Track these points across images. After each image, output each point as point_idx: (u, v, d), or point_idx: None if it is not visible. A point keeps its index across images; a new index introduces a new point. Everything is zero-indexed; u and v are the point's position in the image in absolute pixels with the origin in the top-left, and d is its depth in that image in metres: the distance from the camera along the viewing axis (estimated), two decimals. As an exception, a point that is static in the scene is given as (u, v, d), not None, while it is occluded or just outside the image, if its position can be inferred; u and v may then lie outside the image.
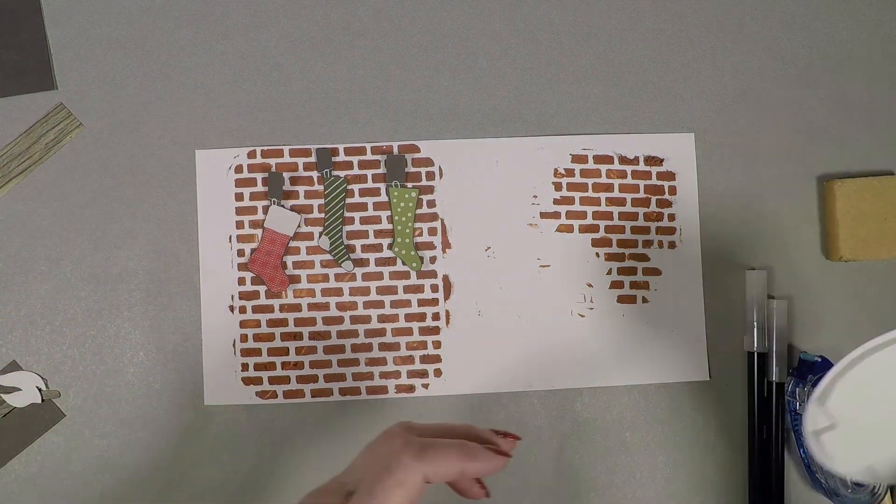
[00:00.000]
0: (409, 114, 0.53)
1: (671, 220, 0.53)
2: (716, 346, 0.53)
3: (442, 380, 0.52)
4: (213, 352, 0.51)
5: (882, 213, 0.52)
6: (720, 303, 0.53)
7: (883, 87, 0.55)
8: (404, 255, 0.52)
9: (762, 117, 0.54)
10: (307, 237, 0.52)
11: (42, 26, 0.52)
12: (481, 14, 0.54)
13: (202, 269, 0.51)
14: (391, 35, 0.53)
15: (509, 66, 0.54)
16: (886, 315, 0.54)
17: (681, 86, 0.54)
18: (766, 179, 0.54)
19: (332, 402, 0.52)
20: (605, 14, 0.54)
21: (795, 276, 0.54)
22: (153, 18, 0.53)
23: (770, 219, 0.54)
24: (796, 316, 0.54)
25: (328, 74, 0.53)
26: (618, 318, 0.53)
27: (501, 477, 0.52)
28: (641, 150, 0.54)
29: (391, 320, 0.52)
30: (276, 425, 0.51)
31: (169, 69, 0.52)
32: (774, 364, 0.52)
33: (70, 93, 0.52)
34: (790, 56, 0.55)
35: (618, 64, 0.54)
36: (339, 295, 0.52)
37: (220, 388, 0.51)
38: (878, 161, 0.55)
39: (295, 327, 0.52)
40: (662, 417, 0.53)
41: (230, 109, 0.52)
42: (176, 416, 0.51)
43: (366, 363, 0.52)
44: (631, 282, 0.53)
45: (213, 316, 0.51)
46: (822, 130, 0.55)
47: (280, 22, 0.53)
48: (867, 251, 0.52)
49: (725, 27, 0.55)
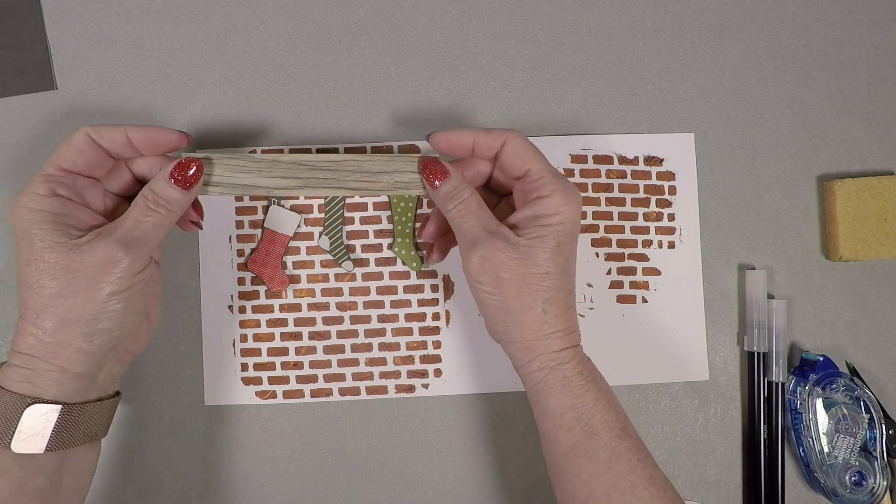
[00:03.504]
0: (409, 114, 0.53)
1: (671, 220, 0.53)
2: (716, 346, 0.53)
3: (442, 380, 0.52)
4: (213, 352, 0.51)
5: (882, 213, 0.52)
6: (720, 303, 0.53)
7: (883, 87, 0.55)
8: (404, 255, 0.52)
9: (762, 117, 0.54)
10: (307, 237, 0.52)
11: (42, 26, 0.52)
12: (481, 14, 0.54)
13: (202, 269, 0.51)
14: (391, 35, 0.53)
15: (509, 66, 0.54)
16: (886, 315, 0.54)
17: (681, 86, 0.54)
18: (766, 179, 0.54)
19: (332, 402, 0.52)
20: (605, 14, 0.54)
21: (795, 276, 0.54)
22: (153, 18, 0.53)
23: (770, 219, 0.54)
24: (796, 316, 0.54)
25: (328, 74, 0.53)
26: (617, 318, 0.53)
27: (501, 477, 0.52)
28: (641, 150, 0.54)
29: (391, 320, 0.52)
30: (276, 425, 0.51)
31: (169, 69, 0.52)
32: (774, 364, 0.52)
33: (70, 93, 0.52)
34: (790, 56, 0.55)
35: (618, 64, 0.54)
36: (339, 295, 0.52)
37: (220, 388, 0.51)
38: (878, 161, 0.55)
39: (295, 327, 0.52)
40: (662, 417, 0.53)
41: (230, 109, 0.52)
42: (176, 416, 0.51)
43: (366, 363, 0.52)
44: (630, 282, 0.53)
45: (212, 316, 0.51)
46: (822, 130, 0.55)
47: (280, 22, 0.53)
48: (867, 251, 0.52)
49: (725, 27, 0.55)
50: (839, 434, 0.51)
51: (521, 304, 0.41)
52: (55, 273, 0.37)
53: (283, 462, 0.51)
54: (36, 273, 0.37)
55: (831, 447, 0.51)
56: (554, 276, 0.41)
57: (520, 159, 0.43)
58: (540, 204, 0.42)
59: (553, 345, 0.42)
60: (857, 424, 0.51)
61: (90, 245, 0.38)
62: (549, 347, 0.42)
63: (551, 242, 0.41)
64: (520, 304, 0.41)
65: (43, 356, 0.38)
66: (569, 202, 0.42)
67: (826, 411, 0.51)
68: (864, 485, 0.50)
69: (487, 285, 0.42)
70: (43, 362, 0.38)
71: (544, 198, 0.42)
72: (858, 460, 0.51)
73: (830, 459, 0.51)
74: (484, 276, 0.41)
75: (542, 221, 0.42)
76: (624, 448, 0.41)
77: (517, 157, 0.43)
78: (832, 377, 0.51)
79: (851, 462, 0.51)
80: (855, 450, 0.51)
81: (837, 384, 0.51)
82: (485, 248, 0.41)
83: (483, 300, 0.43)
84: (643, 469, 0.41)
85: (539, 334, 0.42)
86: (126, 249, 0.38)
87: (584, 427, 0.41)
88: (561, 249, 0.42)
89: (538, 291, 0.41)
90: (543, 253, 0.41)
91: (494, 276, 0.41)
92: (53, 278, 0.37)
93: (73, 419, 0.38)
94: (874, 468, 0.51)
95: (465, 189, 0.43)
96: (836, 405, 0.51)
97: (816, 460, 0.51)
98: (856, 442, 0.51)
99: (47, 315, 0.37)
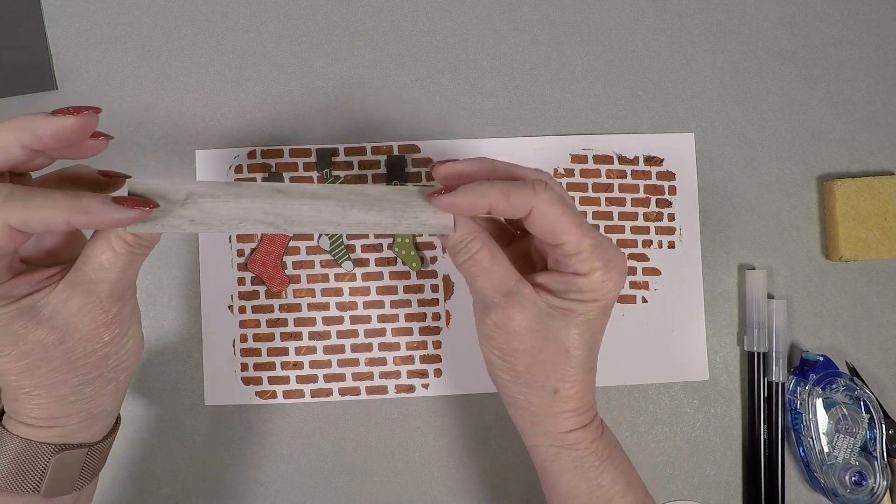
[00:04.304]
0: (409, 114, 0.53)
1: (671, 220, 0.53)
2: (716, 346, 0.53)
3: (442, 380, 0.52)
4: (213, 352, 0.51)
5: (882, 213, 0.52)
6: (720, 303, 0.53)
7: (883, 87, 0.55)
8: (404, 255, 0.52)
9: (762, 117, 0.54)
10: (307, 237, 0.52)
11: (42, 26, 0.52)
12: (481, 14, 0.54)
13: (202, 269, 0.51)
14: (391, 35, 0.53)
15: (509, 66, 0.54)
16: (886, 315, 0.54)
17: (681, 86, 0.54)
18: (766, 179, 0.54)
19: (332, 403, 0.52)
20: (605, 14, 0.54)
21: (795, 276, 0.54)
22: (153, 18, 0.53)
23: (770, 219, 0.54)
24: (796, 316, 0.54)
25: (328, 74, 0.53)
26: (618, 318, 0.53)
27: (502, 477, 0.52)
28: (641, 150, 0.54)
29: (391, 320, 0.52)
30: (276, 425, 0.51)
31: (169, 69, 0.52)
32: (774, 364, 0.52)
33: (70, 93, 0.52)
34: (790, 56, 0.55)
35: (617, 64, 0.54)
36: (338, 295, 0.52)
37: (221, 388, 0.51)
38: (878, 161, 0.55)
39: (295, 327, 0.52)
40: (662, 417, 0.53)
41: (230, 109, 0.52)
42: (176, 416, 0.51)
43: (366, 363, 0.52)
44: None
45: (212, 316, 0.51)
46: (822, 130, 0.55)
47: (280, 22, 0.53)
48: (867, 251, 0.52)
49: (725, 27, 0.55)
50: (839, 434, 0.51)
51: (532, 379, 0.37)
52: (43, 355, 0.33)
53: (284, 462, 0.51)
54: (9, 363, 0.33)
55: (831, 447, 0.51)
56: (576, 357, 0.36)
57: (551, 230, 0.34)
58: (575, 281, 0.35)
59: (562, 424, 0.37)
60: (857, 424, 0.51)
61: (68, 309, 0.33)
62: (556, 427, 0.37)
63: (580, 319, 0.35)
64: (530, 379, 0.37)
65: (70, 414, 0.35)
66: (610, 278, 0.35)
67: (826, 411, 0.51)
68: (864, 485, 0.50)
69: (497, 349, 0.37)
70: (73, 418, 0.35)
71: (581, 276, 0.35)
72: (858, 460, 0.51)
73: (830, 459, 0.51)
74: (494, 340, 0.37)
75: (575, 297, 0.35)
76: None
77: (548, 227, 0.34)
78: (832, 377, 0.51)
79: (851, 462, 0.51)
80: (855, 450, 0.51)
81: (837, 384, 0.51)
82: (498, 315, 0.36)
83: (489, 358, 0.38)
84: None
85: (547, 411, 0.37)
86: (117, 301, 0.34)
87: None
88: (590, 326, 0.36)
89: (553, 370, 0.36)
90: (567, 328, 0.35)
91: (507, 343, 0.36)
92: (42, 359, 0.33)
93: (96, 457, 0.37)
94: (874, 468, 0.51)
95: (474, 241, 0.36)
96: (836, 405, 0.51)
97: (816, 460, 0.51)
98: (856, 442, 0.51)
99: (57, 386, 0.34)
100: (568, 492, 0.38)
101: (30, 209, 0.30)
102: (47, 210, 0.30)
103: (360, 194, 0.35)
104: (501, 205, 0.34)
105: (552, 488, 0.39)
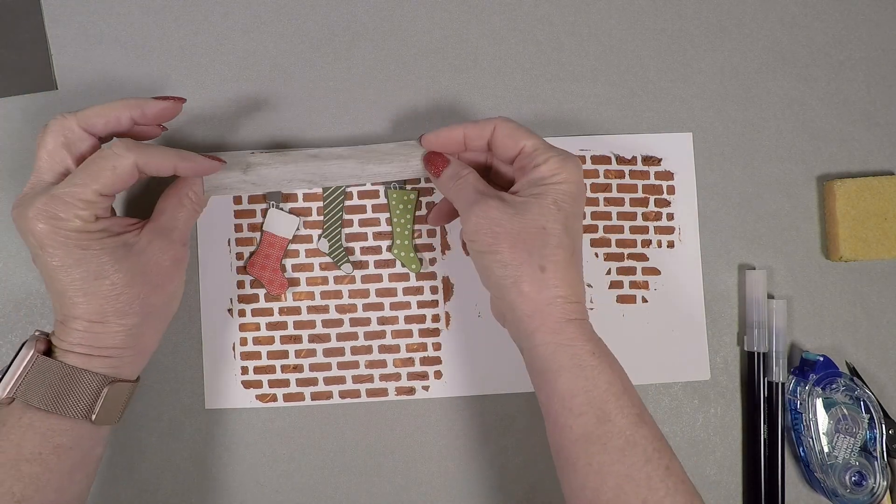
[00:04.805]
0: (409, 114, 0.53)
1: (670, 220, 0.53)
2: (716, 346, 0.53)
3: (442, 382, 0.52)
4: (213, 355, 0.51)
5: (882, 213, 0.52)
6: (720, 303, 0.54)
7: (883, 87, 0.55)
8: (404, 257, 0.52)
9: (762, 117, 0.54)
10: (306, 240, 0.52)
11: (42, 26, 0.52)
12: (481, 14, 0.54)
13: (201, 273, 0.51)
14: (391, 35, 0.53)
15: (509, 66, 0.54)
16: (886, 315, 0.54)
17: (680, 86, 0.54)
18: (766, 179, 0.54)
19: (332, 405, 0.52)
20: (605, 14, 0.54)
21: (795, 276, 0.54)
22: (153, 18, 0.52)
23: (770, 219, 0.54)
24: (796, 316, 0.54)
25: (328, 74, 0.53)
26: (618, 318, 0.53)
27: (502, 478, 0.52)
28: (639, 150, 0.53)
29: (391, 322, 0.52)
30: (277, 428, 0.51)
31: (169, 69, 0.52)
32: (774, 364, 0.52)
33: (70, 93, 0.52)
34: (790, 56, 0.55)
35: (617, 64, 0.54)
36: (338, 297, 0.52)
37: (220, 391, 0.51)
38: (878, 161, 0.55)
39: (294, 330, 0.52)
40: (662, 417, 0.53)
41: (230, 109, 0.52)
42: (176, 419, 0.51)
43: (365, 365, 0.52)
44: (630, 282, 0.53)
45: (212, 319, 0.51)
46: (822, 130, 0.55)
47: (280, 22, 0.53)
48: (867, 251, 0.52)
49: (724, 27, 0.55)
50: (839, 434, 0.51)
51: (517, 258, 0.40)
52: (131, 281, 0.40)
53: (284, 464, 0.51)
54: (109, 285, 0.39)
55: (831, 447, 0.51)
56: (553, 233, 0.40)
57: (511, 140, 0.44)
58: (537, 171, 0.42)
59: (555, 312, 0.40)
60: (857, 424, 0.51)
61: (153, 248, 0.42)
62: (551, 315, 0.40)
63: (548, 199, 0.41)
64: (516, 259, 0.40)
65: (129, 346, 0.41)
66: (566, 165, 0.42)
67: (826, 411, 0.51)
68: (864, 485, 0.51)
69: (483, 244, 0.41)
70: (129, 350, 0.41)
71: (540, 165, 0.42)
72: (858, 460, 0.51)
73: (830, 459, 0.51)
74: (479, 233, 0.41)
75: (540, 183, 0.42)
76: (640, 436, 0.39)
77: (508, 138, 0.44)
78: (832, 377, 0.51)
79: (851, 462, 0.51)
80: (855, 450, 0.51)
81: (837, 384, 0.51)
82: (480, 207, 0.42)
83: (481, 262, 0.42)
84: (659, 459, 0.38)
85: (539, 298, 0.40)
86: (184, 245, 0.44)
87: (597, 412, 0.39)
88: (559, 206, 0.41)
89: (534, 247, 0.40)
90: (539, 208, 0.41)
91: (489, 230, 0.41)
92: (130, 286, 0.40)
93: (134, 392, 0.43)
94: (874, 468, 0.51)
95: (464, 169, 0.45)
96: (836, 405, 0.51)
97: (816, 460, 0.51)
98: (856, 442, 0.51)
99: (131, 315, 0.40)
100: (566, 390, 0.39)
101: (151, 156, 0.40)
102: (162, 157, 0.40)
103: (374, 152, 0.49)
104: (472, 129, 0.45)
105: (550, 393, 0.40)
